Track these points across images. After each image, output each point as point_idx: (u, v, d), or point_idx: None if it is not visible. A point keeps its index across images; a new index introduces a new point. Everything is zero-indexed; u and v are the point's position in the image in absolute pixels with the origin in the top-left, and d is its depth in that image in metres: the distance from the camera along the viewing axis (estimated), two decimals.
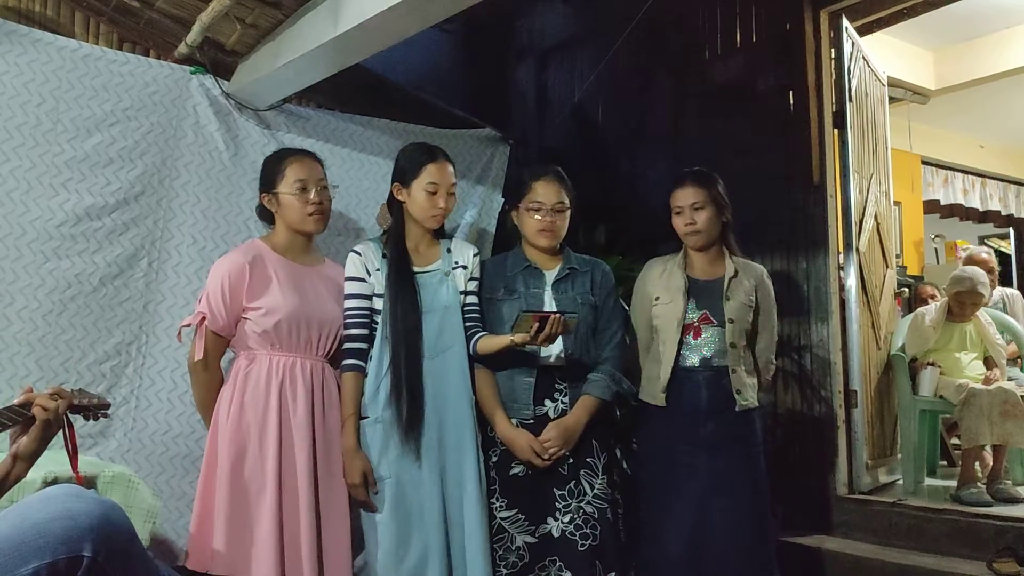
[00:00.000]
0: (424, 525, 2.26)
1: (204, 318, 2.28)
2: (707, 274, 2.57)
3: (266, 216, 2.48)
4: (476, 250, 2.52)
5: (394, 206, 2.45)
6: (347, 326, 2.36)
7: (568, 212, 2.47)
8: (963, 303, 3.80)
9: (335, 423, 2.32)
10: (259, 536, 2.17)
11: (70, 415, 1.71)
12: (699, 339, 2.50)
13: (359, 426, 2.31)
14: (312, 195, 2.38)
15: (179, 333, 2.40)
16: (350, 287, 2.37)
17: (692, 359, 2.49)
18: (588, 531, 2.31)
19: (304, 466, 2.23)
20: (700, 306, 2.51)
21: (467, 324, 2.39)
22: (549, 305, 2.41)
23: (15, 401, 1.60)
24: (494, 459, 2.37)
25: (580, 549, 2.30)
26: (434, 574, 2.23)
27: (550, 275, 2.47)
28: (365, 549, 2.33)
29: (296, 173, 2.39)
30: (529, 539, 2.32)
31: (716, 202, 2.53)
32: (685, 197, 2.53)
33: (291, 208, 2.38)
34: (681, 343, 2.49)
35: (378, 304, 2.36)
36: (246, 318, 2.30)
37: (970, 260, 4.48)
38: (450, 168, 2.42)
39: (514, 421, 2.35)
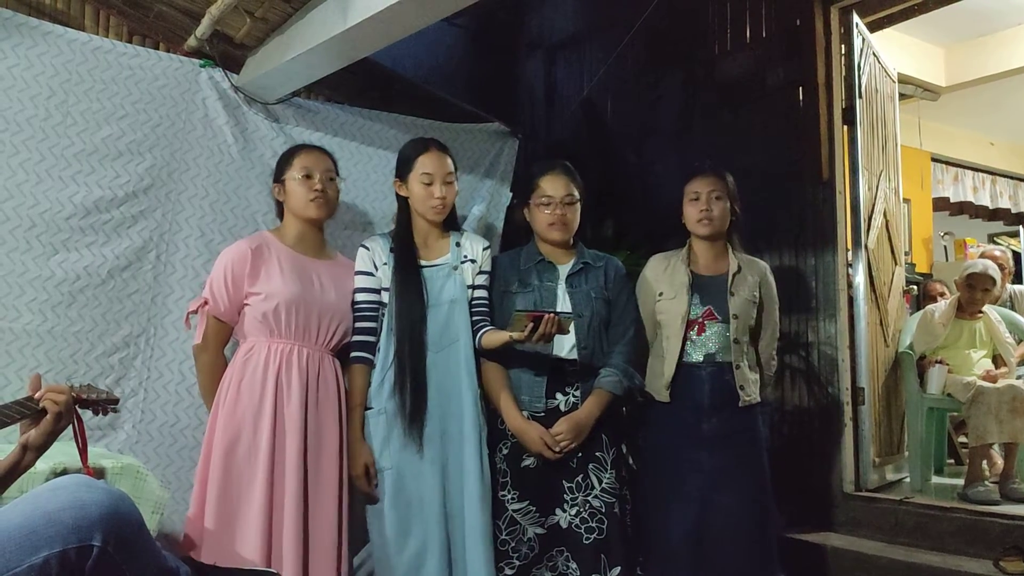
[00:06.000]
0: (424, 516, 2.27)
1: (206, 302, 2.33)
2: (711, 270, 2.57)
3: (280, 211, 2.50)
4: (487, 244, 2.52)
5: (400, 203, 2.48)
6: (356, 319, 2.38)
7: (578, 204, 2.47)
8: (974, 288, 3.76)
9: (328, 413, 2.32)
10: (247, 525, 2.18)
11: (79, 409, 1.72)
12: (703, 335, 2.50)
13: (364, 417, 2.32)
14: (316, 182, 2.40)
15: (186, 318, 2.41)
16: (359, 281, 2.41)
17: (696, 355, 2.49)
18: (594, 525, 2.31)
19: (294, 455, 2.23)
20: (704, 302, 2.52)
21: (474, 318, 2.39)
22: (562, 299, 2.41)
23: (27, 394, 1.61)
24: (505, 451, 2.38)
25: (585, 542, 2.30)
26: (433, 565, 2.24)
27: (563, 269, 2.47)
28: (370, 540, 2.34)
29: (302, 161, 2.43)
30: (539, 530, 2.32)
31: (731, 196, 2.56)
32: (705, 184, 2.54)
33: (294, 194, 2.41)
34: (685, 339, 2.49)
35: (386, 298, 2.37)
36: (247, 304, 2.32)
37: (984, 257, 4.45)
38: (446, 158, 2.43)
39: (525, 414, 2.35)
